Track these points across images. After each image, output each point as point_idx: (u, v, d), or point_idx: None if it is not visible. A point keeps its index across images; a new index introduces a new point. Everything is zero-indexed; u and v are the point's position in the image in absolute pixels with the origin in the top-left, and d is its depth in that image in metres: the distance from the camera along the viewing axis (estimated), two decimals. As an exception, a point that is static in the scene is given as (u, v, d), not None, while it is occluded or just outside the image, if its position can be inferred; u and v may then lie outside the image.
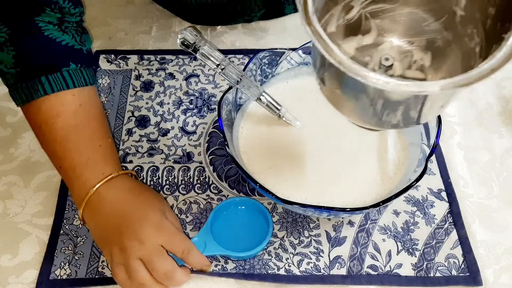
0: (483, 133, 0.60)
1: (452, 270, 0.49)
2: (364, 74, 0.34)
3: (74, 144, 0.50)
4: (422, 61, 0.46)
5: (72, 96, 0.52)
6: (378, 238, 0.52)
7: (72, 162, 0.50)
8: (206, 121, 0.61)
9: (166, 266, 0.46)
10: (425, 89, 0.33)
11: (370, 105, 0.40)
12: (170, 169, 0.57)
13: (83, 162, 0.49)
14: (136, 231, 0.46)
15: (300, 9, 0.36)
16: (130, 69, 0.67)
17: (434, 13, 0.43)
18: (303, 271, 0.50)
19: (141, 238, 0.45)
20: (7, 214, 0.54)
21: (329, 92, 0.42)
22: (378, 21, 0.46)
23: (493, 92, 0.64)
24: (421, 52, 0.46)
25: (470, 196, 0.55)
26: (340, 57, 0.35)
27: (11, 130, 0.61)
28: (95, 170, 0.49)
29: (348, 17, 0.45)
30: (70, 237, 0.52)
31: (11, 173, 0.57)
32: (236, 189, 0.55)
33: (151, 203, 0.49)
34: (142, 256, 0.45)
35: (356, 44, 0.47)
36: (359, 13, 0.45)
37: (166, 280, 0.46)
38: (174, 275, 0.46)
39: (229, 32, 0.71)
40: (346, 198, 0.50)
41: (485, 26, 0.38)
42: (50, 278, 0.49)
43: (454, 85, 0.33)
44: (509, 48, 0.34)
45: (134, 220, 0.47)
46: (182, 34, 0.48)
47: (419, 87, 0.33)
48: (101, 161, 0.50)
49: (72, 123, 0.51)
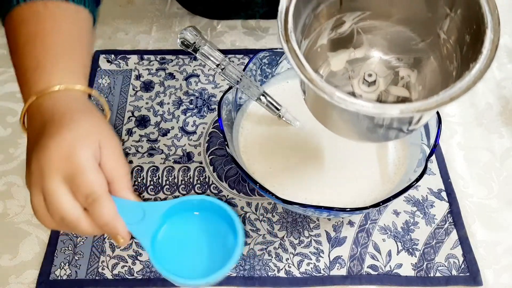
0: (483, 133, 0.60)
1: (452, 270, 0.49)
2: (330, 93, 0.35)
3: (30, 50, 0.44)
4: (409, 78, 0.47)
5: (44, 6, 0.46)
6: (378, 238, 0.52)
7: (23, 67, 0.44)
8: (206, 121, 0.61)
9: (91, 183, 0.36)
10: (384, 112, 0.34)
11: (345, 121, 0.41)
12: (170, 169, 0.57)
13: (32, 67, 0.43)
14: (53, 147, 0.37)
15: (280, 26, 0.37)
16: (130, 69, 0.67)
17: (420, 33, 0.45)
18: (303, 272, 0.49)
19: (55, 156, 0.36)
20: (7, 214, 0.54)
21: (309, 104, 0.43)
22: (369, 36, 0.47)
23: (493, 92, 0.64)
24: (408, 69, 0.47)
25: (470, 196, 0.55)
26: (311, 75, 0.36)
27: (11, 130, 0.61)
28: (42, 78, 0.42)
29: (340, 31, 0.46)
30: (70, 237, 0.52)
31: (11, 173, 0.57)
32: (236, 189, 0.55)
33: (84, 132, 0.39)
34: (64, 170, 0.36)
35: (348, 56, 0.48)
36: (351, 28, 0.46)
37: (89, 206, 0.36)
38: (98, 201, 0.36)
39: (229, 32, 0.71)
40: (346, 198, 0.50)
41: (462, 52, 0.40)
42: (50, 278, 0.49)
43: (413, 110, 0.35)
44: (471, 79, 0.35)
45: (55, 136, 0.38)
46: (182, 34, 0.48)
47: (379, 110, 0.35)
48: (52, 70, 0.43)
49: (33, 30, 0.45)
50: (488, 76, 0.70)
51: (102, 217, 0.36)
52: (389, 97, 0.47)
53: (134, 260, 0.50)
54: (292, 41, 0.37)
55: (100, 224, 0.37)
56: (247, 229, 0.52)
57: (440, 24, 0.42)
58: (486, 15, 0.36)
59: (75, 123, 0.39)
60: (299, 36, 0.41)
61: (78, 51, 0.47)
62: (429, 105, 0.35)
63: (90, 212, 0.36)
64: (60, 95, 0.42)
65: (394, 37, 0.46)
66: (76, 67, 0.46)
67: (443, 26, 0.42)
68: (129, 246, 0.51)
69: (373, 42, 0.47)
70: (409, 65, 0.47)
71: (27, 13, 0.45)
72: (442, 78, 0.43)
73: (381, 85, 0.46)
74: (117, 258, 0.50)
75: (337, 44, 0.47)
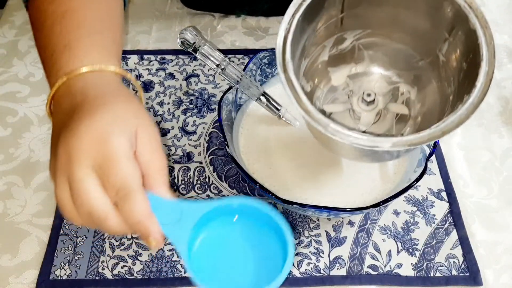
0: (483, 133, 0.60)
1: (452, 270, 0.49)
2: (325, 124, 0.36)
3: (58, 29, 0.41)
4: (408, 95, 0.47)
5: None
6: (378, 238, 0.52)
7: (50, 48, 0.40)
8: (206, 121, 0.61)
9: (125, 175, 0.31)
10: (377, 145, 0.35)
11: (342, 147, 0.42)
12: (170, 169, 0.57)
13: (61, 47, 0.39)
14: (84, 131, 0.32)
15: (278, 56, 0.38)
16: (130, 69, 0.67)
17: (421, 52, 0.45)
18: (303, 272, 0.49)
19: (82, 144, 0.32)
20: (7, 214, 0.54)
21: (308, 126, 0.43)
22: (370, 52, 0.47)
23: (493, 92, 0.64)
24: (408, 85, 0.47)
25: (470, 196, 0.55)
26: (307, 107, 0.37)
27: (11, 130, 0.61)
28: (72, 57, 0.39)
29: (341, 47, 0.47)
30: (70, 237, 0.52)
31: (11, 173, 0.57)
32: (236, 189, 0.55)
33: (120, 117, 0.34)
34: (95, 157, 0.31)
35: (349, 71, 0.48)
36: (352, 44, 0.46)
37: (120, 200, 0.32)
38: (131, 196, 0.31)
39: (229, 32, 0.71)
40: (346, 198, 0.50)
41: (459, 78, 0.40)
42: (50, 278, 0.49)
43: (405, 144, 0.35)
44: (463, 112, 0.36)
45: (86, 120, 0.33)
46: (182, 34, 0.48)
47: (372, 143, 0.35)
48: (83, 49, 0.40)
49: (61, 9, 0.42)
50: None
51: (133, 215, 0.32)
52: (388, 114, 0.47)
53: (134, 260, 0.50)
54: (289, 71, 0.37)
55: (131, 223, 0.32)
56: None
57: (439, 46, 0.42)
58: (482, 47, 0.36)
59: (110, 106, 0.34)
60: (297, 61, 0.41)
61: (110, 30, 0.43)
62: (421, 138, 0.35)
63: (120, 208, 0.32)
64: (93, 76, 0.38)
65: (395, 54, 0.46)
66: (109, 47, 0.42)
67: (442, 49, 0.42)
68: (129, 246, 0.51)
69: (374, 57, 0.47)
70: (409, 82, 0.47)
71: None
72: (441, 99, 0.43)
73: (380, 104, 0.47)
74: (117, 258, 0.50)
75: (338, 60, 0.47)
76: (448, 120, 0.35)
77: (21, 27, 0.72)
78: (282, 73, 0.37)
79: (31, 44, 0.69)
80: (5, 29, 0.71)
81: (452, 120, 0.35)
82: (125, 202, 0.31)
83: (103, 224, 0.32)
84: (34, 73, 0.66)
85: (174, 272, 0.49)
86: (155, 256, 0.50)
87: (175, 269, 0.49)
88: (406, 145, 0.35)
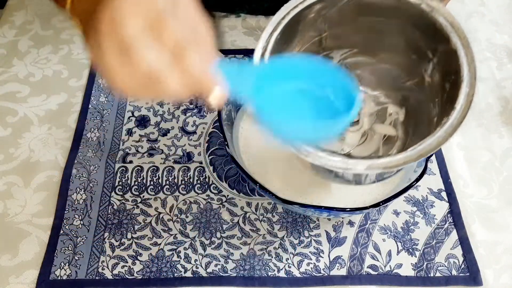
0: (483, 133, 0.60)
1: (452, 270, 0.49)
2: (298, 145, 0.36)
3: None
4: (397, 115, 0.47)
5: None
6: (378, 238, 0.52)
7: None
8: (206, 121, 0.61)
9: (178, 30, 0.29)
10: (350, 168, 0.35)
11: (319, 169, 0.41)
12: (170, 169, 0.57)
13: None
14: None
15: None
16: (130, 69, 0.67)
17: (408, 73, 0.45)
18: (303, 272, 0.50)
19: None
20: (7, 214, 0.54)
21: None
22: (358, 71, 0.47)
23: (493, 92, 0.64)
24: (397, 106, 0.47)
25: (470, 196, 0.55)
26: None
27: (11, 130, 0.61)
28: None
29: None
30: (70, 237, 0.52)
31: (11, 173, 0.57)
32: (236, 189, 0.55)
33: None
34: (145, 14, 0.29)
35: None
36: (340, 64, 0.46)
37: (178, 55, 0.29)
38: (189, 49, 0.29)
39: (229, 32, 0.71)
40: (346, 198, 0.50)
41: (442, 99, 0.40)
42: (50, 278, 0.49)
43: (379, 166, 0.35)
44: (441, 135, 0.35)
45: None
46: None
47: (345, 165, 0.35)
48: None
49: None
50: (488, 76, 0.70)
51: (196, 67, 0.30)
52: (375, 135, 0.47)
53: (134, 260, 0.50)
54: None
55: (194, 74, 0.30)
56: (247, 229, 0.52)
57: (424, 67, 0.42)
58: (463, 68, 0.36)
59: None
60: None
61: None
62: (397, 162, 0.35)
63: (179, 62, 0.29)
64: None
65: (382, 74, 0.46)
66: None
67: (427, 70, 0.42)
68: (129, 246, 0.51)
69: (361, 77, 0.47)
70: (397, 103, 0.47)
71: None
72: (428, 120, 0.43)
73: (365, 124, 0.46)
74: (117, 258, 0.50)
75: None
76: (425, 143, 0.35)
77: (21, 27, 0.72)
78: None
79: (31, 44, 0.69)
80: (5, 29, 0.71)
81: (430, 143, 0.35)
82: (184, 56, 0.29)
83: (163, 84, 0.30)
84: (34, 73, 0.66)
85: (174, 272, 0.49)
86: (155, 256, 0.50)
87: (175, 269, 0.50)
88: (380, 168, 0.35)
